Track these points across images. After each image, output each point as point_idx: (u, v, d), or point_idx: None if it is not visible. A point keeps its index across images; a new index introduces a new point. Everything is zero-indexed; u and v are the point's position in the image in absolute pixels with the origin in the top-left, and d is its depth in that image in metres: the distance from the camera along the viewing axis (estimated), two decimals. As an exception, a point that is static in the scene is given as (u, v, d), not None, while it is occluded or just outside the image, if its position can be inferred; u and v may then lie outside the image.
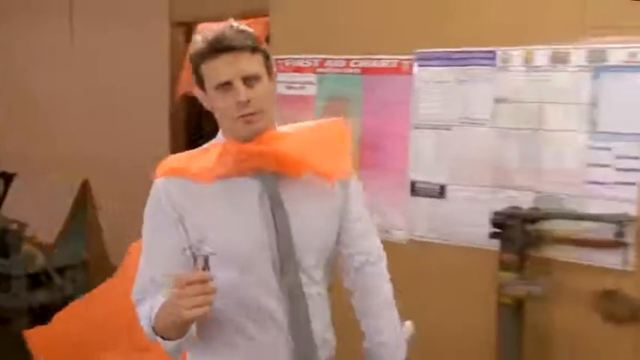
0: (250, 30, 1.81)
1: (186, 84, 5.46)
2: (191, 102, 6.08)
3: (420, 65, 3.68)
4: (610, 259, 3.12)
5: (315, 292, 1.89)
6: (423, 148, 3.68)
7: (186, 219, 1.81)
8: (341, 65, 3.97)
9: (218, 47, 1.74)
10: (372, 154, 3.83)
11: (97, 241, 5.70)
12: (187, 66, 5.36)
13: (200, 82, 1.82)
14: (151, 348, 2.17)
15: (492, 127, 3.46)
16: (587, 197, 3.19)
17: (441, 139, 3.62)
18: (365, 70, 3.87)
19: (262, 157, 1.80)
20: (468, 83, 3.51)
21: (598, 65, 3.19)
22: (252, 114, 1.77)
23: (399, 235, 3.77)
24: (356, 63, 3.92)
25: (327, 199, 1.91)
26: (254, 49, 1.78)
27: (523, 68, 3.37)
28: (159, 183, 1.86)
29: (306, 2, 4.09)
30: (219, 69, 1.75)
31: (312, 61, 4.06)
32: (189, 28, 5.15)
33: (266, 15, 4.26)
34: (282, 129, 1.93)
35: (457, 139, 3.56)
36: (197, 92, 1.86)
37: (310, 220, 1.86)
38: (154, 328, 1.75)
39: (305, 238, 1.84)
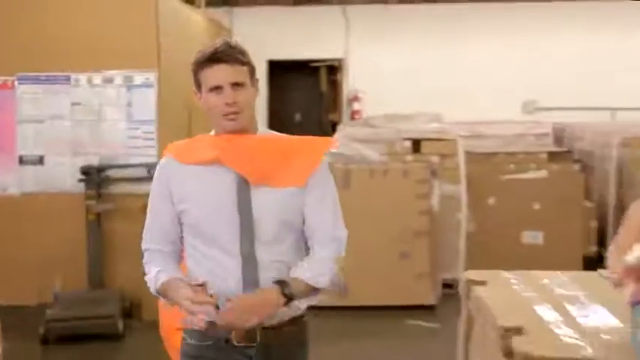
0: (242, 47, 2.21)
1: None
2: None
3: (20, 83, 5.89)
4: (145, 188, 5.81)
5: (273, 260, 2.21)
6: (26, 134, 5.91)
7: (173, 194, 2.23)
8: (-41, 83, 5.92)
9: (214, 59, 2.16)
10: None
11: None
12: None
13: (198, 86, 2.22)
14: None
15: (71, 120, 5.89)
16: (130, 155, 5.84)
17: (37, 127, 5.90)
18: (-20, 86, 5.92)
19: (225, 151, 2.19)
20: (56, 94, 5.87)
21: (129, 84, 5.87)
22: (235, 112, 2.17)
23: (13, 191, 5.91)
24: (-29, 81, 5.92)
25: (288, 191, 2.23)
26: (243, 63, 2.19)
27: (87, 85, 5.87)
28: (161, 162, 2.31)
29: None
30: (213, 76, 2.16)
31: (-64, 80, 5.91)
32: None
33: None
34: (263, 132, 2.31)
35: (49, 127, 5.89)
36: (195, 93, 2.25)
37: (270, 204, 2.20)
38: (158, 291, 2.24)
39: (264, 218, 2.19)
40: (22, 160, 5.92)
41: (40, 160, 5.92)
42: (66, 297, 5.48)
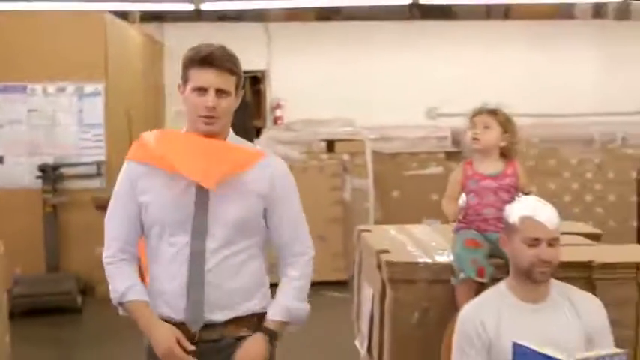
0: (235, 56, 2.25)
1: None
2: None
3: (-20, 92, 6.67)
4: (95, 183, 6.65)
5: (224, 255, 2.25)
6: (-13, 137, 6.69)
7: (137, 187, 2.26)
8: None
9: (206, 61, 2.20)
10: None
11: None
12: None
13: (185, 81, 2.25)
14: None
15: (27, 124, 6.70)
16: (81, 155, 6.69)
17: (-2, 132, 6.70)
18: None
19: (182, 158, 2.21)
20: (13, 102, 6.68)
21: (80, 93, 6.72)
22: (212, 117, 2.21)
23: (-24, 189, 6.68)
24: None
25: (247, 193, 2.28)
26: (232, 72, 2.23)
27: (42, 94, 6.69)
28: (126, 163, 2.34)
29: None
30: (201, 77, 2.20)
31: None
32: None
33: None
34: (235, 139, 2.35)
35: (8, 131, 6.69)
36: (179, 86, 2.28)
37: (226, 205, 2.24)
38: (121, 303, 2.28)
39: (219, 217, 2.23)
40: (-21, 160, 6.71)
41: (1, 161, 6.70)
42: (26, 279, 6.26)
